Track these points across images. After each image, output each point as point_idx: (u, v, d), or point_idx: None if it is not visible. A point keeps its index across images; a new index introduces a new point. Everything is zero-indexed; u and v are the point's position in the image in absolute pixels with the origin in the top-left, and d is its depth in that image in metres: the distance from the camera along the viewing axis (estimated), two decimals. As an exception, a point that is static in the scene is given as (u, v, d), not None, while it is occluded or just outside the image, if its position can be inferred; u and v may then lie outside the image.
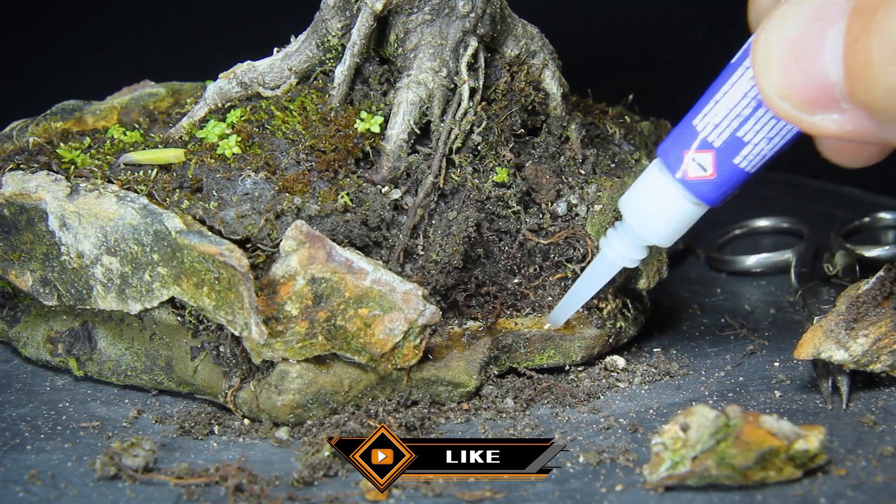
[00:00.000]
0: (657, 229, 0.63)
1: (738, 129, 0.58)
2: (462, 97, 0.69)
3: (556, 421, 0.66)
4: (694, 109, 0.60)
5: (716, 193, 0.60)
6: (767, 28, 0.53)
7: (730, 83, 0.58)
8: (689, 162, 0.60)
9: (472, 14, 0.69)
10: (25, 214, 0.68)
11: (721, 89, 0.58)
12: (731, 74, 0.58)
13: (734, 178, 0.60)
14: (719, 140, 0.59)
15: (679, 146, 0.60)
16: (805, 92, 0.53)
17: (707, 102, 0.59)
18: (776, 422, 0.56)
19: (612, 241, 0.66)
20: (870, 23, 0.50)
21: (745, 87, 0.58)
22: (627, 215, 0.64)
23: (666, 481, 0.57)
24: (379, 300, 0.63)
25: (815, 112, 0.53)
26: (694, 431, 0.56)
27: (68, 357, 0.71)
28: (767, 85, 0.53)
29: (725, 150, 0.59)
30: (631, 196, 0.64)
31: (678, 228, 0.63)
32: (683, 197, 0.61)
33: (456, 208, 0.69)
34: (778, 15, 0.53)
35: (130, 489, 0.58)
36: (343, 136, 0.68)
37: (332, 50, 0.71)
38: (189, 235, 0.63)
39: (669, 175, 0.61)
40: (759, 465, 0.56)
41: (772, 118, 0.57)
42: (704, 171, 0.59)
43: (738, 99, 0.58)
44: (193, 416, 0.66)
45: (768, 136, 0.58)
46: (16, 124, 0.76)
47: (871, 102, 0.51)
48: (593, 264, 0.68)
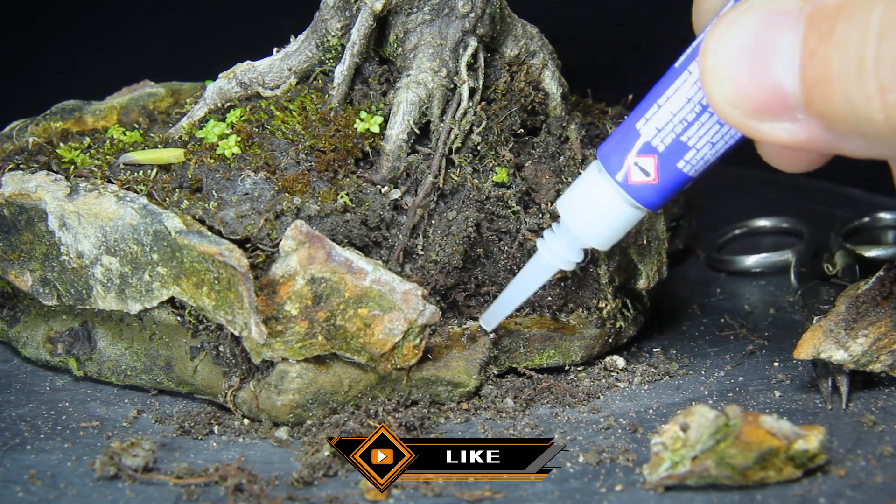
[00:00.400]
0: (596, 232, 0.62)
1: (681, 134, 0.57)
2: (462, 97, 0.69)
3: (555, 421, 0.66)
4: (636, 112, 0.59)
5: (657, 198, 0.59)
6: (716, 34, 0.52)
7: (674, 87, 0.57)
8: (632, 166, 0.59)
9: (471, 14, 0.69)
10: (25, 214, 0.68)
11: (664, 93, 0.57)
12: (674, 78, 0.57)
13: (676, 183, 0.59)
14: (662, 145, 0.58)
15: (621, 149, 0.59)
16: (756, 100, 0.52)
17: (650, 106, 0.58)
18: (776, 422, 0.56)
19: (549, 243, 0.64)
20: (829, 33, 0.49)
21: (690, 91, 0.57)
22: (566, 217, 0.62)
23: (665, 481, 0.57)
24: (378, 300, 0.63)
25: (766, 120, 0.52)
26: (693, 431, 0.56)
27: (68, 357, 0.71)
28: (717, 92, 0.53)
29: (669, 155, 0.58)
30: (570, 198, 0.62)
31: (617, 232, 0.62)
32: (624, 200, 0.60)
33: (455, 208, 0.69)
34: (726, 21, 0.52)
35: (130, 489, 0.58)
36: (343, 136, 0.68)
37: (331, 50, 0.71)
38: (189, 235, 0.63)
39: (609, 178, 0.60)
40: (758, 465, 0.56)
41: (716, 123, 0.57)
42: (647, 175, 0.59)
43: (683, 104, 0.57)
44: (193, 415, 0.66)
45: (712, 140, 0.57)
46: (15, 124, 0.76)
47: (830, 114, 0.50)
48: (528, 266, 0.66)
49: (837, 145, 0.52)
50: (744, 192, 1.03)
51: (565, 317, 0.72)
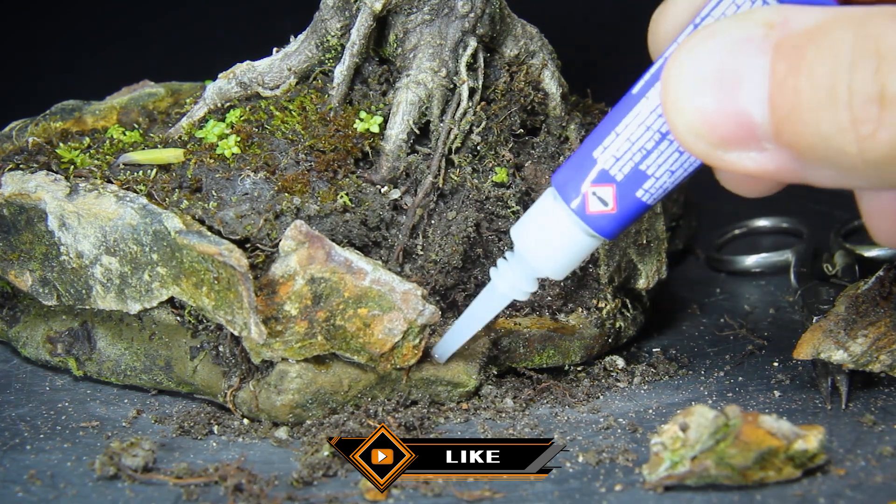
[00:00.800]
0: (550, 262, 0.60)
1: (640, 163, 0.56)
2: (461, 97, 0.69)
3: (555, 421, 0.66)
4: (592, 139, 0.57)
5: (615, 227, 0.58)
6: (677, 62, 0.51)
7: (632, 115, 0.56)
8: (590, 196, 0.57)
9: (471, 14, 0.69)
10: (25, 214, 0.68)
11: (622, 121, 0.56)
12: (632, 105, 0.56)
13: (634, 211, 0.57)
14: (621, 174, 0.56)
15: (577, 178, 0.57)
16: (722, 130, 0.50)
17: (607, 133, 0.56)
18: (775, 422, 0.56)
19: (503, 272, 0.62)
20: (798, 63, 0.48)
21: (649, 119, 0.55)
22: (519, 246, 0.60)
23: (665, 481, 0.57)
24: (378, 300, 0.63)
25: (732, 150, 0.51)
26: (693, 431, 0.56)
27: (68, 357, 0.71)
28: (680, 122, 0.51)
29: (627, 184, 0.56)
30: (524, 226, 0.60)
31: (572, 261, 0.60)
32: (580, 229, 0.58)
33: (455, 208, 0.69)
34: (688, 48, 0.51)
35: (130, 489, 0.58)
36: (342, 136, 0.68)
37: (331, 50, 0.71)
38: (188, 235, 0.63)
39: (565, 206, 0.58)
40: (758, 465, 0.56)
41: (676, 151, 0.55)
42: (605, 205, 0.57)
43: (642, 132, 0.55)
44: (193, 415, 0.66)
45: (671, 168, 0.56)
46: (15, 124, 0.76)
47: (800, 145, 0.49)
48: (482, 296, 0.64)
49: (806, 175, 0.50)
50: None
51: (565, 317, 0.72)
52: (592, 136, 0.57)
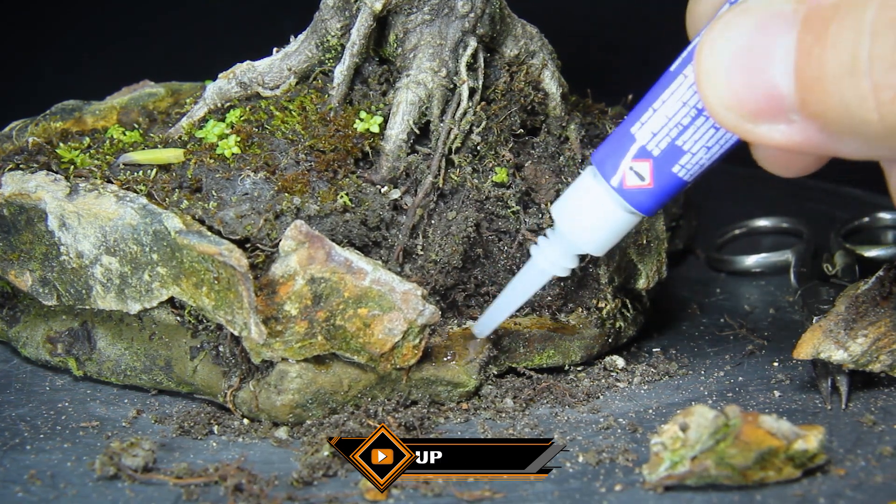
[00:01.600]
0: (591, 238, 0.61)
1: (677, 138, 0.57)
2: (461, 97, 0.69)
3: (555, 421, 0.66)
4: (631, 116, 0.58)
5: (652, 202, 0.59)
6: (710, 38, 0.52)
7: (669, 91, 0.57)
8: (627, 171, 0.58)
9: (471, 14, 0.69)
10: (25, 214, 0.68)
11: (660, 97, 0.57)
12: (670, 82, 0.57)
13: (671, 187, 0.58)
14: (658, 149, 0.57)
15: (616, 154, 0.59)
16: (752, 103, 0.52)
17: (645, 110, 0.58)
18: (775, 422, 0.56)
19: (544, 249, 0.63)
20: (824, 34, 0.49)
21: (685, 95, 0.56)
22: (560, 222, 0.62)
23: (665, 481, 0.57)
24: (378, 300, 0.63)
25: (762, 123, 0.52)
26: (693, 431, 0.56)
27: (68, 357, 0.71)
28: (712, 96, 0.52)
29: (664, 160, 0.58)
30: (564, 203, 0.62)
31: (612, 237, 0.61)
32: (619, 206, 0.59)
33: (455, 208, 0.69)
34: (721, 24, 0.52)
35: (130, 489, 0.58)
36: (342, 136, 0.68)
37: (331, 50, 0.71)
38: (188, 235, 0.63)
39: (605, 183, 0.59)
40: (758, 465, 0.56)
41: (711, 127, 0.56)
42: (642, 180, 0.58)
43: (678, 108, 0.56)
44: (193, 415, 0.66)
45: (707, 144, 0.57)
46: (15, 124, 0.76)
47: (825, 115, 0.50)
48: (523, 272, 0.65)
49: (833, 146, 0.51)
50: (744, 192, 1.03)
51: (565, 317, 0.72)
52: (631, 113, 0.59)
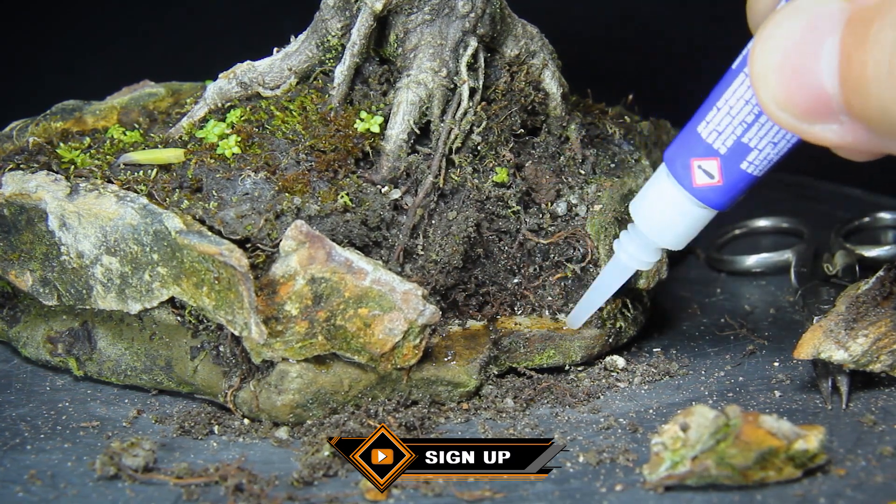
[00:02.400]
0: (667, 234, 0.63)
1: (742, 136, 0.58)
2: (462, 97, 0.69)
3: (555, 421, 0.66)
4: (697, 116, 0.60)
5: (724, 199, 0.61)
6: (763, 37, 0.53)
7: (731, 90, 0.58)
8: (696, 169, 0.60)
9: (471, 14, 0.69)
10: (25, 214, 0.68)
11: (723, 96, 0.58)
12: (732, 80, 0.58)
13: (741, 183, 0.60)
14: (724, 147, 0.59)
15: (684, 153, 0.60)
16: (803, 103, 0.52)
17: (710, 109, 0.59)
18: (776, 421, 0.56)
19: (625, 245, 0.66)
20: (864, 36, 0.49)
21: (747, 93, 0.57)
22: (638, 220, 0.64)
23: (665, 481, 0.57)
24: (379, 300, 0.63)
25: (815, 122, 0.52)
26: (693, 431, 0.56)
27: (68, 357, 0.71)
28: (766, 96, 0.53)
29: (731, 157, 0.59)
30: (640, 201, 0.64)
31: (688, 232, 0.63)
32: (691, 202, 0.61)
33: (456, 208, 0.69)
34: (773, 24, 0.52)
35: (130, 489, 0.58)
36: (343, 136, 0.68)
37: (331, 50, 0.71)
38: (189, 235, 0.63)
39: (675, 181, 0.61)
40: (758, 465, 0.56)
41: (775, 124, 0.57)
42: (711, 178, 0.60)
43: (741, 106, 0.58)
44: (193, 415, 0.66)
45: (773, 140, 0.58)
46: (16, 124, 0.76)
47: (868, 116, 0.50)
48: (608, 268, 0.68)
49: (882, 146, 0.52)
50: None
51: (565, 317, 0.72)
52: (697, 113, 0.60)
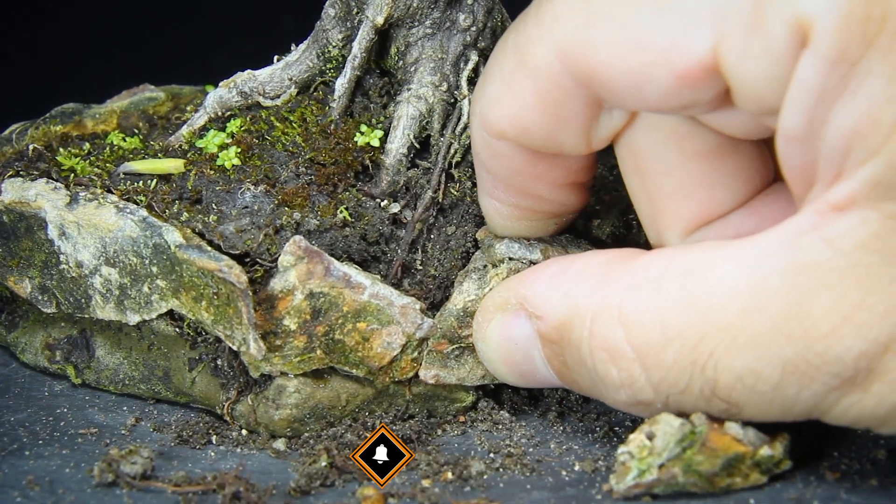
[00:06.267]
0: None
1: None
2: (462, 112, 0.69)
3: (551, 431, 0.66)
4: None
5: None
6: (477, 332, 0.64)
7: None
8: None
9: (473, 28, 0.70)
10: (24, 222, 0.68)
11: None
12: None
13: None
14: None
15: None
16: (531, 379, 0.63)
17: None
18: (741, 428, 0.56)
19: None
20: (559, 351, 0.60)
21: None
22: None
23: (633, 490, 0.57)
24: (377, 314, 0.64)
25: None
26: (660, 439, 0.56)
27: (66, 364, 0.71)
28: (501, 375, 0.64)
29: None
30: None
31: None
32: None
33: (455, 223, 0.69)
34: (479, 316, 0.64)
35: (128, 496, 0.59)
36: (343, 150, 0.68)
37: (332, 60, 0.71)
38: (188, 250, 0.63)
39: None
40: (725, 472, 0.56)
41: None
42: None
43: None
44: (191, 425, 0.66)
45: None
46: (15, 127, 0.76)
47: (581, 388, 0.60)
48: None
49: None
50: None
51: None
52: None
